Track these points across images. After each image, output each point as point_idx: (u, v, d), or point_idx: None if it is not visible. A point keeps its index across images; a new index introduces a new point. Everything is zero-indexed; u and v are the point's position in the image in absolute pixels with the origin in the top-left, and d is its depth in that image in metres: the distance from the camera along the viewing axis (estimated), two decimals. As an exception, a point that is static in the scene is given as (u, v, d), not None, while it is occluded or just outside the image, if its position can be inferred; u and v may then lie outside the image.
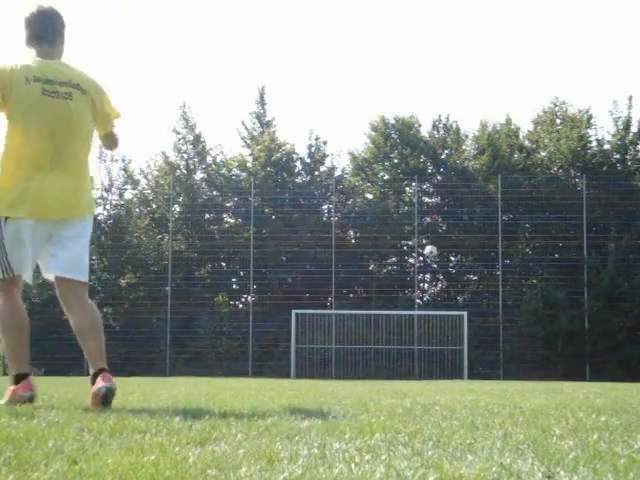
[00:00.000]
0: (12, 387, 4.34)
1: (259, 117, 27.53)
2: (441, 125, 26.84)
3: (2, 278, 4.37)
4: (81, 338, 4.51)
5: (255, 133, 27.33)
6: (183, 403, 4.83)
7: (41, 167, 4.33)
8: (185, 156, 26.95)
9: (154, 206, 26.67)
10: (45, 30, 4.53)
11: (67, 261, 4.48)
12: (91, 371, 4.51)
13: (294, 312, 21.79)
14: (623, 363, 22.42)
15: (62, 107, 4.39)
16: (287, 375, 21.03)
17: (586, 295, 23.49)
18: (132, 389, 7.82)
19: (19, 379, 4.35)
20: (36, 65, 4.42)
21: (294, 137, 42.97)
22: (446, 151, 26.42)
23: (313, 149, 26.81)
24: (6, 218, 4.33)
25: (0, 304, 4.40)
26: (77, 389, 7.62)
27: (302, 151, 26.84)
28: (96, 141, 4.77)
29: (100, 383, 4.29)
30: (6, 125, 4.38)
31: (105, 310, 25.37)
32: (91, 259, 25.27)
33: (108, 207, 26.76)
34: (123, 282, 25.39)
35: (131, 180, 26.91)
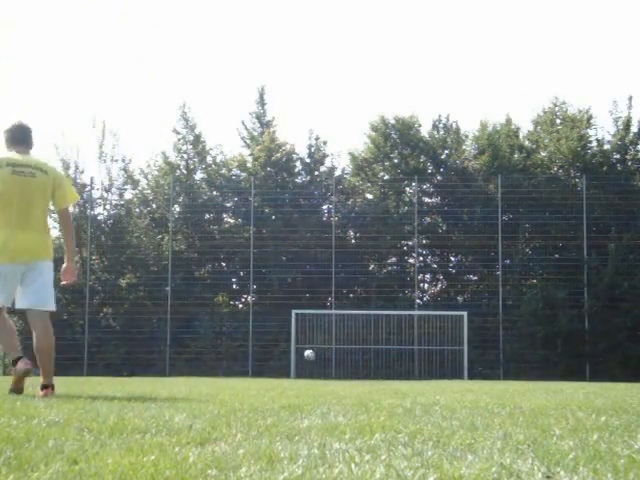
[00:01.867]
0: (16, 368, 5.84)
1: (259, 117, 27.53)
2: (441, 125, 26.84)
3: None
4: (39, 356, 6.02)
5: (255, 133, 27.33)
6: (183, 403, 4.83)
7: (13, 224, 5.94)
8: (185, 156, 26.95)
9: (154, 206, 26.67)
10: (24, 137, 6.29)
11: (34, 295, 6.06)
12: (41, 381, 5.98)
13: (294, 312, 21.78)
14: (623, 363, 22.42)
15: (26, 182, 6.02)
16: (287, 375, 21.03)
17: (586, 295, 23.49)
18: (132, 389, 7.81)
19: (16, 361, 5.86)
20: (11, 156, 6.12)
21: (294, 137, 42.98)
22: (446, 151, 26.42)
23: (313, 149, 26.81)
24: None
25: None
26: (77, 389, 7.62)
27: (302, 151, 26.86)
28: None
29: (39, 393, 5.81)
30: None
31: (105, 310, 25.39)
32: (91, 259, 25.29)
33: (108, 207, 26.76)
34: (123, 282, 25.38)
35: (131, 180, 26.91)
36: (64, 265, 6.37)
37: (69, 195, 6.31)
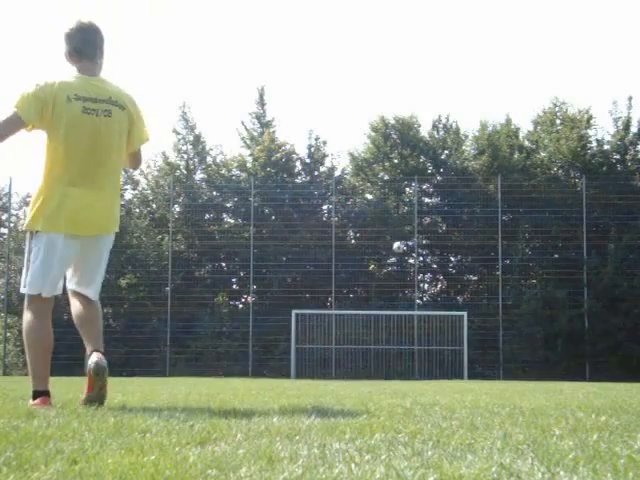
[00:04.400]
0: (30, 402, 4.42)
1: (259, 117, 27.53)
2: (441, 125, 26.84)
3: (32, 295, 4.48)
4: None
5: (255, 133, 27.33)
6: (183, 403, 4.83)
7: (78, 184, 4.40)
8: (185, 156, 26.95)
9: (154, 206, 26.67)
10: (85, 45, 4.56)
11: (84, 276, 4.60)
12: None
13: (294, 312, 21.78)
14: (623, 363, 22.41)
15: (101, 125, 4.46)
16: (287, 375, 21.04)
17: (586, 295, 23.49)
18: (132, 389, 7.82)
19: (37, 395, 4.42)
20: (77, 82, 4.48)
21: (294, 137, 42.97)
22: (446, 151, 26.42)
23: (313, 149, 26.81)
24: (37, 231, 4.40)
25: (31, 321, 4.51)
26: (77, 389, 7.62)
27: (302, 151, 26.88)
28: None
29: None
30: (47, 141, 4.45)
31: (105, 310, 25.38)
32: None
33: (108, 207, 26.72)
34: (123, 282, 25.38)
35: (131, 180, 26.91)
36: None
37: (145, 131, 4.71)
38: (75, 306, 4.63)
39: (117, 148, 4.53)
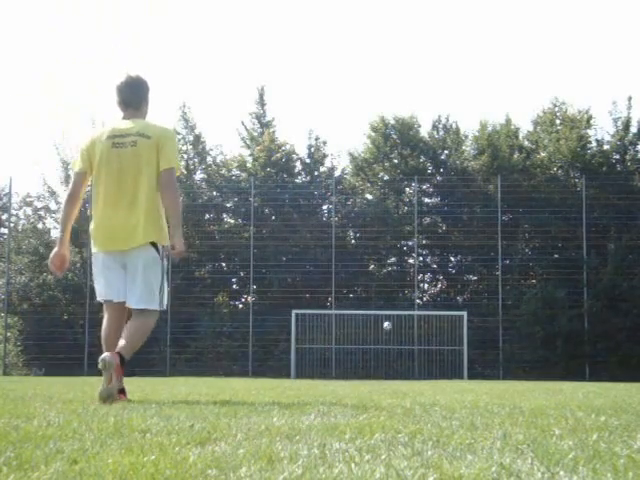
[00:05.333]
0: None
1: (259, 117, 27.53)
2: (441, 125, 26.83)
3: (99, 301, 5.33)
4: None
5: (255, 133, 27.33)
6: (183, 403, 4.83)
7: (111, 206, 5.16)
8: (185, 156, 26.96)
9: (154, 206, 26.65)
10: (131, 97, 5.33)
11: (136, 292, 5.18)
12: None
13: (294, 312, 21.78)
14: (623, 363, 22.41)
15: (128, 154, 5.14)
16: (287, 375, 21.04)
17: (586, 295, 23.49)
18: (132, 389, 7.81)
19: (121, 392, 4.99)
20: (114, 126, 5.27)
21: (294, 137, 42.97)
22: (446, 151, 26.42)
23: (313, 149, 26.81)
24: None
25: (106, 324, 5.25)
26: (77, 389, 7.62)
27: (302, 151, 26.87)
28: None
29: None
30: (93, 179, 5.32)
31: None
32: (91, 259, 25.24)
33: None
34: (123, 282, 25.35)
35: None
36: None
37: (167, 158, 5.15)
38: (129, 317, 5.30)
39: (146, 172, 5.14)
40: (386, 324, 20.69)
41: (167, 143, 5.18)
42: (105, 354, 4.87)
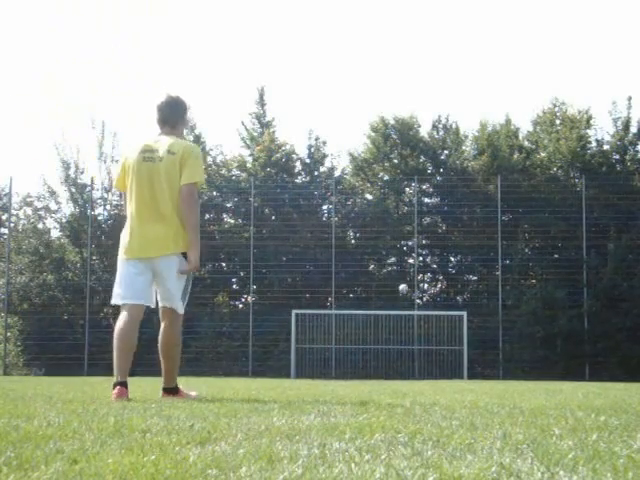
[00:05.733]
0: (113, 391, 5.37)
1: (259, 117, 27.54)
2: (441, 125, 26.83)
3: (119, 304, 5.62)
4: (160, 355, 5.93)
5: (255, 134, 27.33)
6: (183, 403, 4.84)
7: (138, 216, 5.55)
8: (185, 156, 26.94)
9: (154, 206, 26.65)
10: (169, 116, 5.74)
11: (163, 293, 5.66)
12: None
13: (294, 312, 21.77)
14: (622, 363, 22.42)
15: (155, 168, 5.54)
16: (287, 375, 21.03)
17: (585, 295, 23.49)
18: (132, 389, 7.81)
19: (116, 386, 5.37)
20: (146, 142, 5.67)
21: (294, 137, 42.95)
22: (446, 151, 26.42)
23: (313, 149, 26.81)
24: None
25: (125, 323, 5.52)
26: (77, 389, 7.62)
27: (302, 151, 26.86)
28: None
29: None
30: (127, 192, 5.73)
31: (106, 310, 25.38)
32: (91, 259, 25.26)
33: (108, 207, 26.76)
34: (123, 282, 25.34)
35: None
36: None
37: (188, 174, 5.50)
38: (161, 327, 5.77)
39: (171, 187, 5.51)
40: (402, 286, 20.54)
41: (189, 160, 5.52)
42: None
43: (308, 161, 26.76)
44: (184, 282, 5.68)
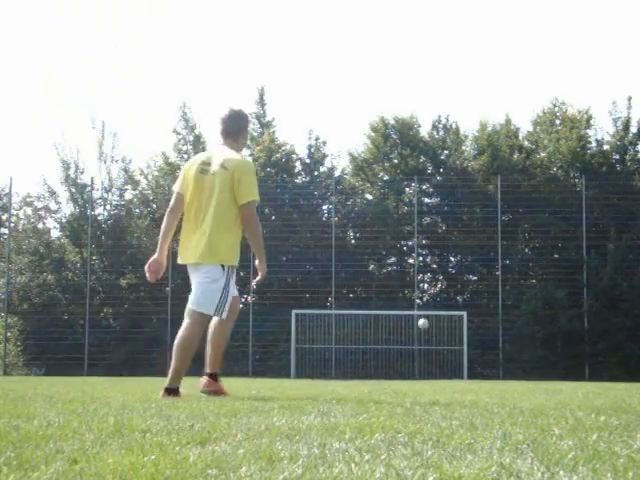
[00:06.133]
0: (161, 393, 5.72)
1: (259, 118, 27.54)
2: (441, 125, 26.83)
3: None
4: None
5: (255, 134, 27.34)
6: (183, 403, 4.84)
7: (191, 224, 5.84)
8: (185, 156, 26.95)
9: (154, 206, 26.66)
10: (232, 129, 5.99)
11: (195, 298, 5.91)
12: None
13: (294, 312, 21.78)
14: (622, 363, 22.42)
15: (209, 181, 5.78)
16: (287, 375, 21.03)
17: (585, 295, 23.49)
18: (132, 389, 7.82)
19: (169, 392, 5.70)
20: (207, 154, 6.01)
21: (294, 137, 42.95)
22: (446, 151, 26.42)
23: (313, 149, 26.82)
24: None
25: (196, 333, 6.06)
26: (77, 389, 7.62)
27: (302, 151, 26.87)
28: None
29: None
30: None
31: (105, 310, 25.40)
32: (91, 259, 25.27)
33: (108, 207, 26.77)
34: (123, 282, 25.38)
35: (131, 180, 26.91)
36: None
37: (245, 192, 5.77)
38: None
39: (220, 199, 5.75)
40: (422, 321, 20.05)
41: (243, 177, 5.74)
42: (203, 384, 6.61)
43: (308, 161, 26.76)
44: (220, 291, 5.92)
